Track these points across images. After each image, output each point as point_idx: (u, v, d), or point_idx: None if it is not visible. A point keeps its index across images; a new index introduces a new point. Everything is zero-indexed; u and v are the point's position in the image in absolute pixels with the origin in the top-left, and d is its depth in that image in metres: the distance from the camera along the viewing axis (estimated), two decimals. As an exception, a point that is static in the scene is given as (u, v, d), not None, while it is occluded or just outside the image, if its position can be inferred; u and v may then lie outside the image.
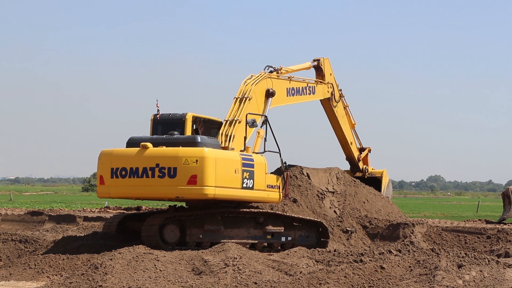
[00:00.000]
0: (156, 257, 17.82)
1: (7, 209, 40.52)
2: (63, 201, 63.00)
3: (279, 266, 17.66)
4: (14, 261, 19.67)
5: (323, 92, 27.37)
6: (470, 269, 16.00)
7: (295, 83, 25.35)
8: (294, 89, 25.30)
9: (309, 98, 26.38)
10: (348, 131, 28.98)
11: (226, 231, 20.57)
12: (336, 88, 28.10)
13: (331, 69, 28.10)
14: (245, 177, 20.29)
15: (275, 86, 23.99)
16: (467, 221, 31.82)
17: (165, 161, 19.55)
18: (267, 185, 20.99)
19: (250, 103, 22.50)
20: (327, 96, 27.59)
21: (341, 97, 28.37)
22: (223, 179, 19.76)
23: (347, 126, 28.90)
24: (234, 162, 20.15)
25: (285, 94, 24.77)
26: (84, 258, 18.67)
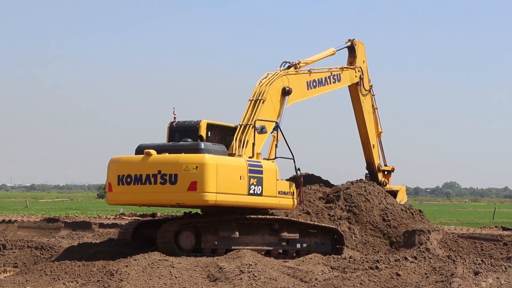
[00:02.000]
0: (172, 264, 17.84)
1: (23, 216, 40.68)
2: (78, 208, 63.20)
3: (294, 273, 17.63)
4: (30, 267, 19.74)
5: (350, 77, 26.31)
6: (486, 276, 15.93)
7: (316, 74, 24.64)
8: (316, 81, 24.60)
9: (334, 87, 25.49)
10: (373, 132, 27.39)
11: (241, 237, 20.56)
12: (367, 77, 26.91)
13: (364, 56, 27.04)
14: (252, 184, 20.28)
15: (292, 82, 23.42)
16: (483, 228, 31.61)
17: (166, 167, 19.69)
18: (278, 191, 20.91)
19: (264, 105, 22.24)
20: (355, 81, 26.49)
21: (370, 92, 27.17)
22: (226, 186, 19.74)
23: (372, 126, 27.41)
24: (239, 169, 20.11)
25: (305, 88, 24.20)
26: (100, 265, 18.71)
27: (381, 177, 27.73)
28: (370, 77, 27.11)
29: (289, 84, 23.23)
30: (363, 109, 26.83)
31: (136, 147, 20.69)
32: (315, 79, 24.52)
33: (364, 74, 26.65)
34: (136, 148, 20.62)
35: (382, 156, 27.84)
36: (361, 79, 26.54)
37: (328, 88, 25.10)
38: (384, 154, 27.88)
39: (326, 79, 24.99)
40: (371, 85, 27.07)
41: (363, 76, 26.60)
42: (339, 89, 26.11)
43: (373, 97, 27.19)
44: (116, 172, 20.34)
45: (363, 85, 26.67)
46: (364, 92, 26.74)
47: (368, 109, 27.04)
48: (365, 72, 26.79)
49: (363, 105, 26.80)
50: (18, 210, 56.35)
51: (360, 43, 26.85)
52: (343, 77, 25.82)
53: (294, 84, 23.44)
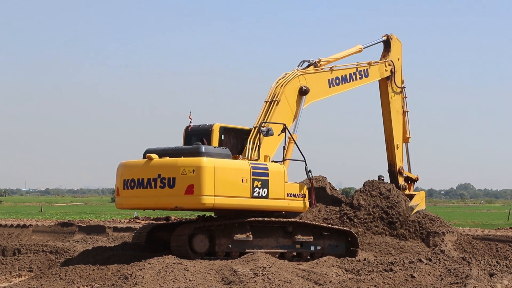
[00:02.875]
0: (186, 267, 17.85)
1: (37, 220, 40.84)
2: (92, 212, 63.36)
3: (308, 276, 17.61)
4: (45, 272, 19.80)
5: (380, 71, 25.68)
6: (502, 277, 15.86)
7: (339, 71, 24.17)
8: (339, 78, 24.12)
9: (361, 83, 24.95)
10: (399, 132, 26.27)
11: (255, 240, 20.54)
12: (400, 76, 26.15)
13: (400, 53, 26.30)
14: (256, 186, 20.28)
15: (310, 81, 23.13)
16: (498, 229, 31.48)
17: (165, 171, 19.82)
18: (287, 194, 20.87)
19: (279, 107, 22.16)
20: (385, 75, 25.81)
21: (402, 93, 26.38)
22: (226, 188, 19.77)
23: (399, 126, 26.31)
24: (241, 171, 20.11)
25: (327, 86, 23.82)
26: (114, 269, 18.74)
27: (401, 181, 26.48)
28: (404, 78, 26.56)
29: (306, 83, 22.96)
30: (391, 106, 26.01)
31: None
32: (338, 76, 24.09)
33: (396, 72, 25.96)
34: (144, 152, 20.71)
35: (408, 163, 26.74)
36: (392, 73, 25.88)
37: (354, 84, 24.62)
38: (410, 161, 26.80)
39: (351, 75, 24.51)
40: (403, 86, 26.41)
41: (394, 71, 25.91)
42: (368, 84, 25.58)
43: (404, 99, 26.49)
44: (122, 176, 20.62)
45: (395, 81, 26.00)
46: (395, 89, 26.05)
47: (397, 108, 26.21)
48: (398, 70, 26.09)
49: (391, 102, 26.00)
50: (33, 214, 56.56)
51: (397, 40, 26.25)
52: (372, 72, 25.26)
53: (312, 83, 23.13)
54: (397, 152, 26.33)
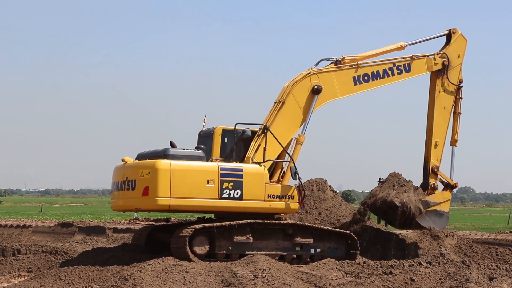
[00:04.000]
0: (185, 269, 17.85)
1: (37, 221, 40.90)
2: (92, 213, 63.38)
3: (308, 278, 17.61)
4: (44, 272, 19.81)
5: (428, 65, 24.21)
6: (501, 281, 15.86)
7: (368, 68, 23.18)
8: (368, 75, 23.17)
9: (400, 78, 23.77)
10: (441, 130, 24.56)
11: (255, 243, 20.55)
12: (457, 74, 24.47)
13: (462, 51, 24.72)
14: (226, 188, 20.38)
15: (324, 80, 22.46)
16: (498, 233, 31.47)
17: (130, 174, 20.51)
18: (268, 195, 20.76)
19: (284, 107, 21.88)
20: (434, 69, 24.27)
21: (458, 93, 24.57)
22: (185, 190, 20.04)
23: (444, 124, 24.60)
24: (206, 173, 20.29)
25: (352, 84, 22.96)
26: (114, 270, 18.75)
27: (432, 181, 24.63)
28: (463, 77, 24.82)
29: (319, 82, 22.40)
30: (437, 101, 24.38)
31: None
32: (367, 73, 23.19)
33: (453, 68, 24.39)
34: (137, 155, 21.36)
35: (450, 167, 24.87)
36: (444, 67, 24.34)
37: (392, 79, 23.60)
38: (453, 166, 24.90)
39: (386, 71, 23.48)
40: (460, 85, 24.61)
41: (448, 66, 24.35)
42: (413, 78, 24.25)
43: (459, 100, 24.67)
44: (112, 179, 21.46)
45: (447, 76, 24.39)
46: (447, 85, 24.41)
47: (444, 105, 24.50)
48: (457, 67, 24.49)
49: (438, 96, 24.40)
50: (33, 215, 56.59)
51: (461, 36, 24.74)
52: (415, 66, 23.96)
53: (327, 82, 22.54)
54: (435, 149, 24.60)
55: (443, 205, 24.32)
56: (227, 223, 20.20)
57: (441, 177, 24.68)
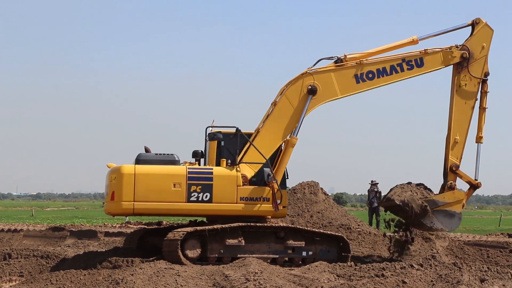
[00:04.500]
0: (177, 272, 17.85)
1: (28, 224, 40.73)
2: (84, 217, 63.17)
3: (300, 281, 17.62)
4: (36, 276, 19.76)
5: (444, 59, 22.35)
6: (493, 283, 15.91)
7: (372, 65, 21.89)
8: (373, 72, 21.85)
9: (411, 74, 22.15)
10: (461, 125, 22.37)
11: (247, 246, 20.56)
12: (481, 66, 22.35)
13: (487, 41, 22.51)
14: (194, 191, 20.52)
15: (321, 79, 21.65)
16: (490, 235, 31.61)
17: (107, 179, 21.12)
18: (240, 197, 20.71)
19: (277, 109, 21.56)
20: (452, 62, 22.36)
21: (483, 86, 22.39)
22: (150, 194, 20.37)
23: (465, 118, 22.38)
24: (173, 177, 20.49)
25: (354, 82, 21.81)
26: (105, 274, 18.73)
27: (451, 180, 22.42)
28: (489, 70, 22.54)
29: (314, 81, 21.63)
30: (458, 95, 22.34)
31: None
32: (372, 70, 21.88)
33: (477, 60, 22.35)
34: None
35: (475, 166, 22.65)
36: (464, 59, 22.28)
37: (401, 76, 22.08)
38: (478, 165, 22.70)
39: (394, 67, 22.02)
40: (484, 78, 22.38)
41: (470, 58, 22.31)
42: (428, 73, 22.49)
43: (485, 94, 22.42)
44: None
45: (469, 70, 22.29)
46: (469, 78, 22.28)
47: (465, 99, 22.38)
48: (481, 59, 22.39)
49: (459, 91, 22.32)
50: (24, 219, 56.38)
51: (486, 26, 22.59)
52: (429, 61, 22.24)
53: (324, 81, 21.69)
54: (454, 147, 22.55)
55: (454, 205, 22.23)
56: (219, 226, 20.22)
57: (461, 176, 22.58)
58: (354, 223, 28.68)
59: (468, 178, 22.42)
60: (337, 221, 28.30)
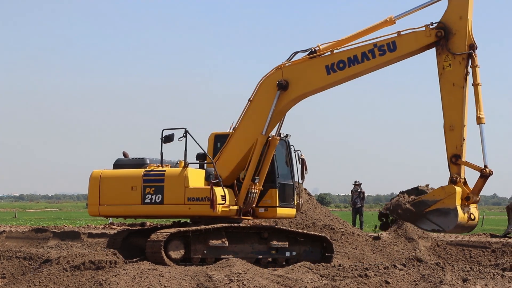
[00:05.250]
0: (161, 273, 17.82)
1: (11, 226, 40.52)
2: (67, 218, 62.94)
3: (283, 281, 17.64)
4: (18, 278, 19.66)
5: (417, 40, 19.38)
6: (475, 283, 15.99)
7: (343, 53, 19.89)
8: (344, 61, 19.79)
9: (381, 61, 19.62)
10: (453, 110, 19.08)
11: (231, 246, 20.56)
12: (463, 39, 19.00)
13: (465, 11, 19.11)
14: (148, 193, 20.69)
15: (291, 73, 20.34)
16: (472, 235, 31.76)
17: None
18: (188, 198, 20.51)
19: (251, 106, 20.84)
20: (426, 43, 19.32)
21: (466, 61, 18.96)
22: (113, 197, 21.05)
23: (456, 101, 19.05)
24: (131, 180, 20.87)
25: (325, 74, 20.00)
26: (89, 275, 18.66)
27: (454, 172, 19.13)
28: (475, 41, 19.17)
29: (283, 76, 20.36)
30: (443, 78, 19.19)
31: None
32: (343, 59, 19.81)
33: (457, 34, 19.05)
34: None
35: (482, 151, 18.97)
36: (441, 38, 19.11)
37: (372, 63, 19.65)
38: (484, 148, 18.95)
39: (365, 54, 19.64)
40: (468, 52, 19.00)
41: (449, 34, 19.09)
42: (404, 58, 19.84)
43: (475, 68, 18.96)
44: None
45: (449, 47, 19.08)
46: (452, 57, 19.06)
47: (454, 80, 19.07)
48: (460, 32, 19.05)
49: (443, 74, 19.15)
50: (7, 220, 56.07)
51: None
52: (402, 44, 19.46)
53: (295, 75, 20.33)
54: (451, 135, 19.16)
55: (446, 201, 19.00)
56: (202, 227, 20.21)
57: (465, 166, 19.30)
58: (337, 223, 28.79)
59: (474, 167, 19.04)
60: (321, 222, 28.39)
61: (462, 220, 18.75)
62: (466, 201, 18.87)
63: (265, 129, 20.58)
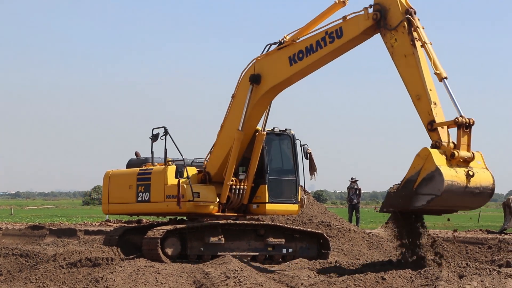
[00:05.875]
0: (157, 270, 17.83)
1: (7, 223, 40.50)
2: (63, 215, 62.90)
3: (280, 278, 17.66)
4: (15, 275, 19.66)
5: (358, 23, 18.33)
6: (471, 279, 16.00)
7: (302, 43, 19.16)
8: (303, 51, 19.06)
9: (331, 48, 18.65)
10: (413, 80, 17.71)
11: (227, 243, 20.56)
12: (397, 8, 17.84)
13: None
14: (140, 191, 21.11)
15: (262, 66, 19.91)
16: (468, 231, 31.79)
17: None
18: (167, 195, 20.61)
19: (233, 102, 20.63)
20: (367, 26, 18.20)
21: (406, 28, 17.72)
22: (117, 196, 21.67)
23: (413, 71, 17.69)
24: (129, 178, 21.40)
25: (288, 65, 19.39)
26: (85, 272, 18.67)
27: (435, 138, 17.31)
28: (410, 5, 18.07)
29: (256, 69, 19.96)
30: (394, 57, 18.10)
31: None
32: (301, 49, 19.09)
33: (389, 9, 18.00)
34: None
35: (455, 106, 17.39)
36: (378, 18, 18.05)
37: (324, 51, 18.76)
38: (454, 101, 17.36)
39: (319, 42, 18.78)
40: (406, 17, 17.77)
41: (386, 13, 18.00)
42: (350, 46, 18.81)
43: (418, 30, 17.70)
44: None
45: (388, 24, 17.98)
46: (394, 33, 17.89)
47: (403, 53, 17.89)
48: (392, 5, 18.00)
49: (393, 53, 18.05)
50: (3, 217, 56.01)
51: None
52: (346, 29, 18.49)
53: (265, 68, 19.84)
54: (419, 104, 17.73)
55: (427, 165, 16.87)
56: (199, 224, 20.22)
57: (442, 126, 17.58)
58: (334, 220, 28.82)
59: (448, 123, 17.42)
60: (317, 218, 28.42)
61: (453, 178, 16.43)
62: (452, 159, 16.74)
63: (240, 124, 20.25)
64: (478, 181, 16.80)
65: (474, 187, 16.80)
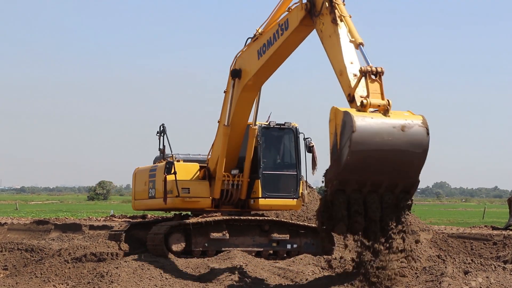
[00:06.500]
0: (162, 265, 17.84)
1: (13, 218, 40.61)
2: (68, 210, 63.04)
3: (284, 274, 17.65)
4: (20, 270, 19.71)
5: (298, 13, 17.72)
6: (476, 275, 15.97)
7: (265, 35, 18.91)
8: (265, 44, 18.85)
9: (282, 40, 18.23)
10: (335, 56, 16.58)
11: (232, 239, 20.54)
12: None
13: None
14: (150, 188, 21.73)
15: (242, 61, 19.87)
16: (473, 228, 31.77)
17: None
18: (162, 191, 20.92)
19: (224, 98, 20.72)
20: (300, 18, 17.63)
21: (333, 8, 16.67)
22: (139, 193, 22.33)
23: (336, 49, 16.56)
24: (145, 175, 22.02)
25: (257, 58, 19.20)
26: (90, 267, 18.71)
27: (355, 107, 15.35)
28: None
29: (235, 64, 19.98)
30: (323, 38, 17.02)
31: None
32: (265, 42, 18.89)
33: None
34: None
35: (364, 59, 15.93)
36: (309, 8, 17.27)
37: (278, 44, 18.41)
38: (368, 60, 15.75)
39: (275, 34, 18.46)
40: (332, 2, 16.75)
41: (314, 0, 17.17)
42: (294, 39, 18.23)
43: (335, 6, 16.67)
44: None
45: (314, 11, 17.20)
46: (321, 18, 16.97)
47: (328, 33, 16.86)
48: None
49: (323, 37, 16.97)
50: (8, 212, 56.17)
51: None
52: (290, 20, 18.07)
53: (244, 62, 19.79)
54: (341, 79, 16.29)
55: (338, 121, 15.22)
56: (203, 220, 20.21)
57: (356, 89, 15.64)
58: (338, 216, 28.70)
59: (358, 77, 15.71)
60: (322, 214, 28.34)
61: (364, 115, 14.92)
62: (363, 107, 15.05)
63: (226, 119, 20.23)
64: (402, 117, 15.01)
65: (398, 120, 14.90)
